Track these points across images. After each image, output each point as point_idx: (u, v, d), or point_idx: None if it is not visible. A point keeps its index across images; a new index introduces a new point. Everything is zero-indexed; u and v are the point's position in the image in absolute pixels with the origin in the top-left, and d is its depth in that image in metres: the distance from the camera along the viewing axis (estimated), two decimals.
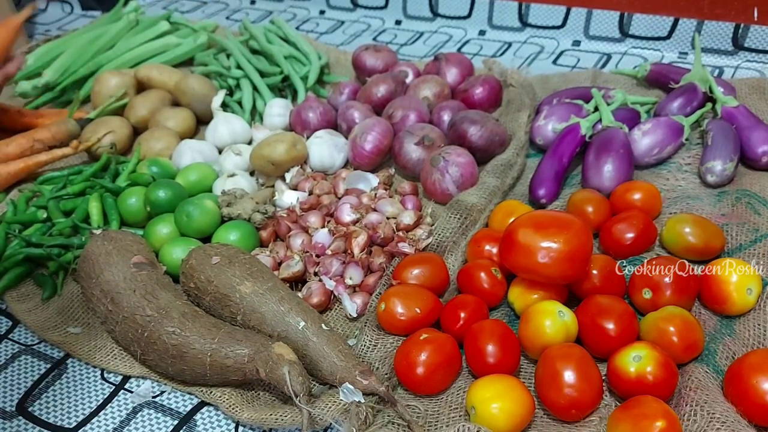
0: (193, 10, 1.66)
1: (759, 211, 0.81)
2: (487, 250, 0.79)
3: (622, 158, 0.89)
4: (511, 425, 0.62)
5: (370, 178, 0.96)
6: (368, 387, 0.65)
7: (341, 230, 0.86)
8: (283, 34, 1.30)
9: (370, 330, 0.74)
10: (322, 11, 1.56)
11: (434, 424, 0.65)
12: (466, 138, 0.95)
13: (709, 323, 0.71)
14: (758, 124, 0.93)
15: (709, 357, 0.67)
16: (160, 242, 0.86)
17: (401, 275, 0.77)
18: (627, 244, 0.79)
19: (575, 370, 0.62)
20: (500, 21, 1.37)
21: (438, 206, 0.92)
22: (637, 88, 1.12)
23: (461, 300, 0.74)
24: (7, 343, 0.80)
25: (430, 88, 1.08)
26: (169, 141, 1.05)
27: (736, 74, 1.15)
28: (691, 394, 0.62)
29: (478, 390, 0.63)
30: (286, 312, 0.70)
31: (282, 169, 0.99)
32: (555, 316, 0.67)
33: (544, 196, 0.89)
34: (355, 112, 1.05)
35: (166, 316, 0.70)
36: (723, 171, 0.87)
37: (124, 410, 0.71)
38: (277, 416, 0.65)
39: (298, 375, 0.64)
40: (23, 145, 1.04)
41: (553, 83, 1.15)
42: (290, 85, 1.20)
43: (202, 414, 0.70)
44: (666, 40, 1.24)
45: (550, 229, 0.69)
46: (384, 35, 1.44)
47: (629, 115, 0.98)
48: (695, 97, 0.99)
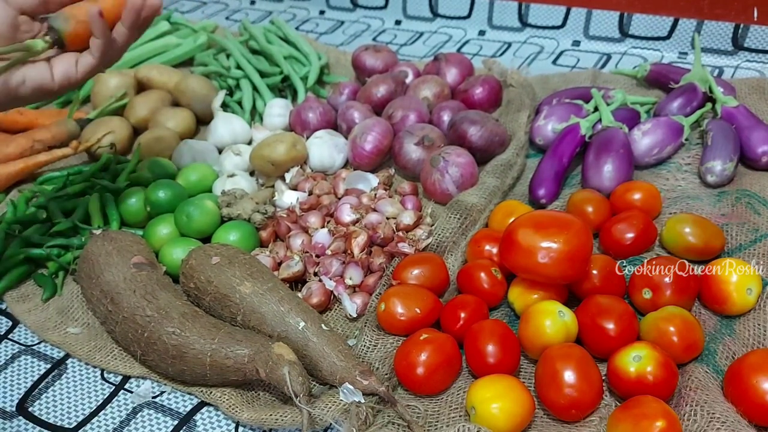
0: (192, 11, 1.66)
1: (759, 211, 0.81)
2: (487, 250, 0.79)
3: (621, 158, 0.89)
4: (511, 425, 0.62)
5: (370, 179, 0.96)
6: (368, 387, 0.65)
7: (341, 230, 0.86)
8: (282, 35, 1.30)
9: (370, 330, 0.74)
10: (322, 11, 1.56)
11: (434, 424, 0.65)
12: (466, 138, 0.95)
13: (709, 323, 0.71)
14: (758, 124, 0.93)
15: (709, 357, 0.67)
16: (160, 242, 0.86)
17: (401, 275, 0.77)
18: (627, 244, 0.79)
19: (575, 370, 0.62)
20: (500, 21, 1.37)
21: (438, 206, 0.92)
22: (637, 88, 1.12)
23: (461, 300, 0.74)
24: (7, 343, 0.80)
25: (430, 88, 1.08)
26: (169, 141, 1.05)
27: (735, 74, 1.15)
28: (691, 394, 0.62)
29: (478, 390, 0.63)
30: (286, 312, 0.70)
31: (282, 170, 0.99)
32: (555, 316, 0.67)
33: (543, 196, 0.89)
34: (355, 112, 1.05)
35: (166, 316, 0.70)
36: (723, 171, 0.87)
37: (124, 410, 0.71)
38: (277, 416, 0.65)
39: (298, 375, 0.64)
40: (23, 146, 1.04)
41: (552, 83, 1.15)
42: (290, 86, 1.20)
43: (202, 414, 0.70)
44: (666, 40, 1.24)
45: (550, 229, 0.70)
46: (384, 35, 1.44)
47: (629, 115, 0.98)
48: (695, 97, 0.99)
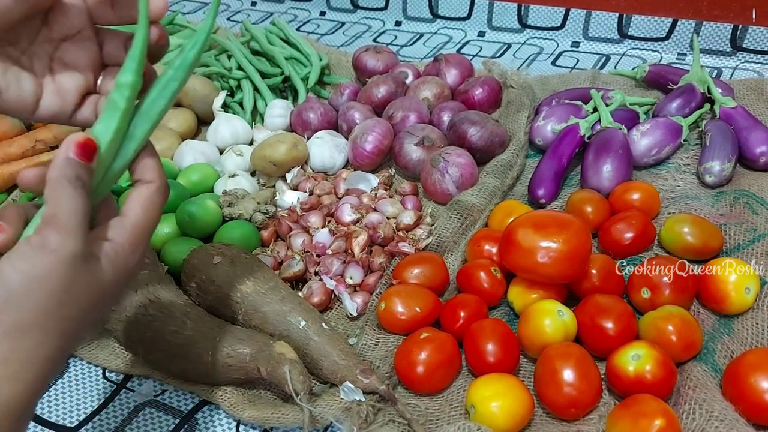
0: (194, 11, 1.66)
1: (757, 211, 0.82)
2: (486, 250, 0.79)
3: (620, 159, 0.89)
4: (511, 424, 0.62)
5: (370, 179, 0.97)
6: (369, 386, 0.66)
7: (342, 230, 0.86)
8: (284, 36, 1.31)
9: (370, 329, 0.74)
10: (323, 12, 1.56)
11: (435, 422, 0.66)
12: (466, 138, 0.96)
13: (707, 322, 0.72)
14: (756, 124, 0.93)
15: (708, 356, 0.68)
16: (162, 242, 0.87)
17: (401, 275, 0.77)
18: (626, 244, 0.79)
19: (574, 369, 0.63)
20: (500, 22, 1.38)
21: (438, 206, 0.93)
22: (636, 89, 1.12)
23: (461, 299, 0.74)
24: None
25: (430, 89, 1.09)
26: (171, 141, 1.05)
27: (734, 75, 1.15)
28: (689, 392, 0.63)
29: (478, 389, 0.64)
30: (287, 311, 0.71)
31: (283, 170, 0.99)
32: (554, 315, 0.68)
33: (543, 196, 0.89)
34: (356, 112, 1.05)
35: (168, 315, 0.70)
36: (721, 171, 0.87)
37: (126, 409, 0.71)
38: (279, 415, 0.65)
39: (299, 374, 0.64)
40: (25, 146, 1.04)
41: (552, 84, 1.15)
42: (291, 86, 1.20)
43: (204, 413, 0.70)
44: (665, 41, 1.24)
45: (550, 228, 0.70)
46: (384, 36, 1.44)
47: (628, 116, 0.99)
48: (694, 97, 0.99)
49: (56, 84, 0.50)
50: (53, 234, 0.41)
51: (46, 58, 0.50)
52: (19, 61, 0.49)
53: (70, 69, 0.50)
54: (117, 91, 0.47)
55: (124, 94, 0.47)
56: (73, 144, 0.44)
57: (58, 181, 0.43)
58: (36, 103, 0.49)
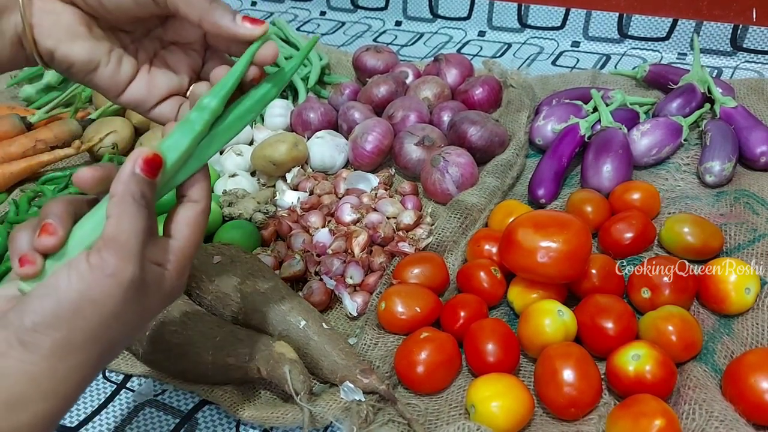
0: None
1: (757, 211, 0.82)
2: (486, 250, 0.79)
3: (621, 158, 0.89)
4: (511, 423, 0.62)
5: (370, 178, 0.97)
6: (369, 385, 0.66)
7: (342, 230, 0.86)
8: (284, 35, 1.31)
9: (370, 329, 0.74)
10: (323, 12, 1.56)
11: (434, 422, 0.66)
12: (466, 138, 0.96)
13: (707, 322, 0.72)
14: (756, 124, 0.93)
15: (708, 356, 0.68)
16: None
17: (401, 275, 0.77)
18: (626, 244, 0.79)
19: (574, 368, 0.63)
20: (500, 22, 1.38)
21: (438, 206, 0.93)
22: (636, 88, 1.12)
23: (461, 299, 0.74)
24: None
25: (431, 88, 1.09)
26: None
27: (734, 75, 1.15)
28: (689, 392, 0.63)
29: (478, 388, 0.64)
30: (287, 311, 0.71)
31: (283, 169, 0.99)
32: (554, 315, 0.68)
33: (543, 196, 0.89)
34: (356, 112, 1.05)
35: (168, 315, 0.70)
36: (721, 171, 0.87)
37: (126, 409, 0.71)
38: (279, 414, 0.65)
39: (299, 374, 0.64)
40: (25, 145, 1.04)
41: (552, 84, 1.15)
42: (291, 86, 1.20)
43: (204, 412, 0.70)
44: (665, 41, 1.24)
45: (550, 228, 0.70)
46: (384, 36, 1.44)
47: (628, 116, 0.99)
48: (694, 97, 0.99)
49: (151, 76, 0.52)
50: (112, 258, 0.41)
51: (152, 53, 0.53)
52: (127, 46, 0.52)
53: (169, 69, 0.53)
54: (197, 111, 0.47)
55: (204, 117, 0.47)
56: (141, 159, 0.43)
57: (122, 199, 0.42)
58: (125, 87, 0.52)
